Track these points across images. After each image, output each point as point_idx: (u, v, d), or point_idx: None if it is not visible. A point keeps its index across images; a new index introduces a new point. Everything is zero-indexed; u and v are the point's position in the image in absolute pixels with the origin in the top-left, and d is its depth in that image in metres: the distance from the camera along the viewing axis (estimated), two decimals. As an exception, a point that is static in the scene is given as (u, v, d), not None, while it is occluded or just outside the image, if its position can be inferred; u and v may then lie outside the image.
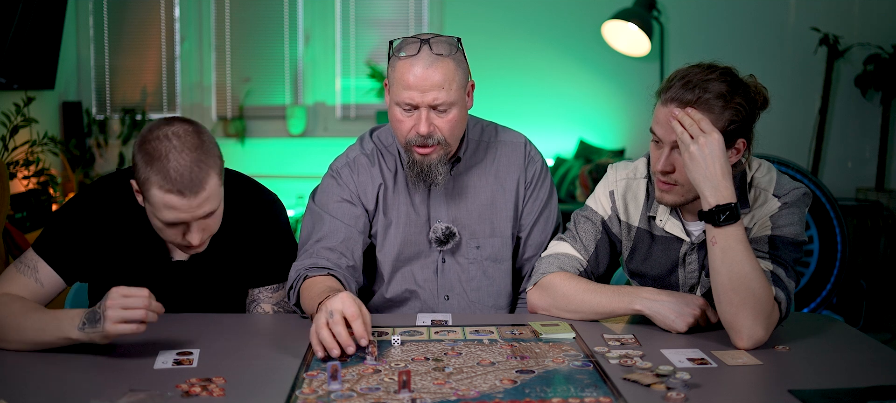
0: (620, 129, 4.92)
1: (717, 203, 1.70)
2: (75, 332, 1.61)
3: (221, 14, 4.91)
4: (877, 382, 1.52)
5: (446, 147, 1.95)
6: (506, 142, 2.12)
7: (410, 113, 1.92)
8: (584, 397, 1.43)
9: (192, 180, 1.69)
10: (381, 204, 2.05)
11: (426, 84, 1.88)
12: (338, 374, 1.46)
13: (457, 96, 1.92)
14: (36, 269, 1.82)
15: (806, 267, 3.77)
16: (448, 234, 2.05)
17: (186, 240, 1.77)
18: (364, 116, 4.93)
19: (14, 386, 1.50)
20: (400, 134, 1.96)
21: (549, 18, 4.87)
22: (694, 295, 1.86)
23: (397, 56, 1.92)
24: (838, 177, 4.86)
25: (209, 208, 1.74)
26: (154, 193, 1.70)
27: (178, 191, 1.68)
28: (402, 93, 1.90)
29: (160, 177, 1.68)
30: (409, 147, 1.95)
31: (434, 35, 1.93)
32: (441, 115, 1.92)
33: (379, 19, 4.92)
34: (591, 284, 1.92)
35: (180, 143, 1.70)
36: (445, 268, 2.08)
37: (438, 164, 1.95)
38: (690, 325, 1.78)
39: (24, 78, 4.08)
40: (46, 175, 3.97)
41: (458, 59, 1.93)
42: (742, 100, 1.76)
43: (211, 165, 1.72)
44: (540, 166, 2.13)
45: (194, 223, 1.75)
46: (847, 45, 4.71)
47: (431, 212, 2.06)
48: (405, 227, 2.05)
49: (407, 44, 1.92)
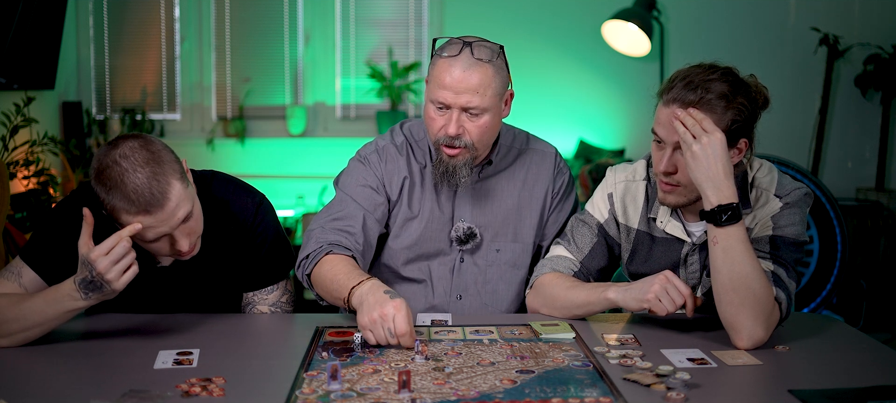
0: (620, 129, 4.92)
1: (719, 203, 1.70)
2: (80, 301, 1.63)
3: (221, 14, 4.91)
4: (877, 382, 1.52)
5: (473, 151, 1.96)
6: (536, 150, 2.15)
7: (443, 112, 1.93)
8: (584, 397, 1.43)
9: (153, 195, 1.66)
10: (405, 197, 2.05)
11: (461, 86, 1.89)
12: (338, 374, 1.46)
13: (491, 103, 1.92)
14: (20, 274, 1.83)
15: (806, 267, 3.76)
16: (469, 234, 2.06)
17: (177, 249, 1.77)
18: (364, 116, 4.93)
19: (14, 386, 1.50)
20: (431, 131, 1.97)
21: (549, 18, 4.87)
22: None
23: (439, 55, 1.94)
24: (838, 177, 4.86)
25: (182, 213, 1.71)
26: (124, 219, 1.69)
27: (144, 211, 1.67)
28: (438, 91, 1.91)
29: (124, 202, 1.66)
30: (438, 145, 1.97)
31: (478, 39, 1.94)
32: (472, 119, 1.92)
33: (379, 19, 4.91)
34: (574, 282, 1.93)
35: (131, 163, 1.67)
36: (463, 268, 2.08)
37: (463, 167, 1.97)
38: (658, 294, 1.73)
39: (24, 78, 4.08)
40: (46, 175, 3.97)
41: (497, 66, 1.94)
42: (744, 100, 1.76)
43: (168, 173, 1.69)
44: (568, 178, 2.15)
45: (175, 232, 1.73)
46: (847, 45, 4.71)
47: (456, 211, 2.07)
48: (428, 223, 2.06)
49: (450, 44, 1.94)
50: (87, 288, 1.63)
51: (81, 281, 1.64)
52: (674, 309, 1.74)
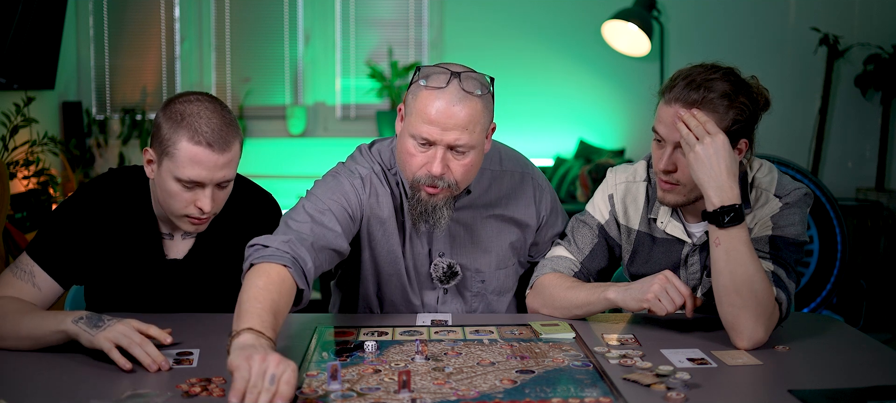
0: (620, 129, 4.92)
1: (722, 204, 1.70)
2: (69, 324, 1.61)
3: (221, 14, 4.91)
4: (877, 382, 1.52)
5: (455, 190, 1.81)
6: (510, 171, 2.00)
7: (425, 149, 1.76)
8: (584, 397, 1.43)
9: (222, 137, 1.74)
10: (383, 230, 1.92)
11: (449, 122, 1.72)
12: (338, 374, 1.46)
13: (478, 140, 1.76)
14: (32, 274, 1.82)
15: (806, 267, 3.76)
16: (450, 274, 1.96)
17: (197, 208, 1.78)
18: (364, 116, 4.93)
19: (14, 386, 1.50)
20: (409, 168, 1.79)
21: (549, 18, 4.87)
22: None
23: (421, 86, 1.75)
24: (838, 177, 4.86)
25: (228, 174, 1.78)
26: (181, 147, 1.73)
27: (207, 144, 1.73)
28: (421, 126, 1.73)
29: (191, 131, 1.73)
30: (416, 185, 1.80)
31: (465, 69, 1.77)
32: (458, 157, 1.76)
33: (379, 19, 4.92)
34: (574, 282, 1.93)
35: (210, 108, 1.77)
36: (447, 299, 2.01)
37: (444, 207, 1.81)
38: (657, 294, 1.73)
39: (24, 78, 4.08)
40: (46, 175, 3.97)
41: (486, 101, 1.77)
42: (745, 100, 1.76)
43: (236, 133, 1.79)
44: (550, 196, 2.05)
45: (209, 187, 1.77)
46: (847, 45, 4.71)
47: (434, 245, 1.95)
48: (410, 260, 1.95)
49: (435, 74, 1.75)
50: (89, 318, 1.61)
51: (93, 314, 1.62)
52: (673, 309, 1.73)
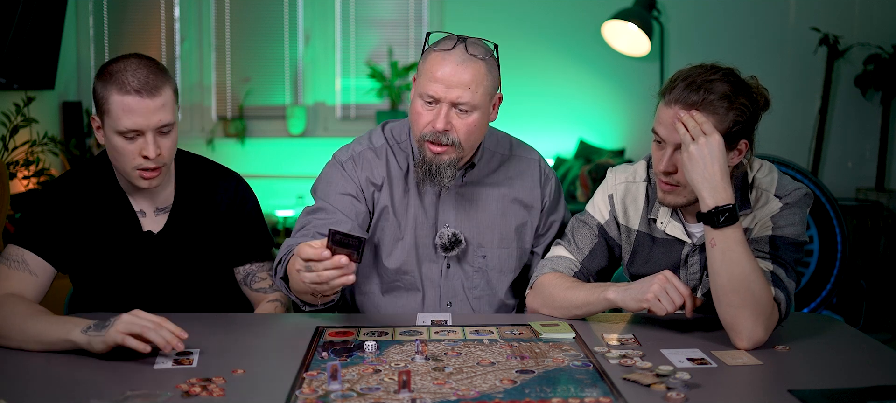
0: (620, 129, 4.92)
1: (716, 204, 1.70)
2: (78, 334, 1.61)
3: (221, 14, 4.91)
4: (877, 382, 1.52)
5: (459, 150, 1.92)
6: (520, 156, 2.10)
7: (432, 107, 1.89)
8: (584, 397, 1.43)
9: (149, 83, 1.80)
10: (388, 202, 2.00)
11: (453, 80, 1.86)
12: (338, 374, 1.46)
13: (481, 101, 1.89)
14: (25, 262, 1.84)
15: (806, 267, 3.76)
16: (454, 241, 2.02)
17: (142, 157, 1.82)
18: (364, 116, 4.93)
19: (14, 386, 1.50)
20: (417, 127, 1.92)
21: (549, 18, 4.88)
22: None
23: (432, 49, 1.91)
24: (838, 177, 4.86)
25: (165, 118, 1.82)
26: (114, 101, 1.79)
27: (136, 91, 1.79)
28: (428, 84, 1.87)
29: (118, 84, 1.79)
30: (422, 142, 1.92)
31: (473, 37, 1.92)
32: (461, 116, 1.89)
33: (379, 19, 4.92)
34: (574, 282, 1.93)
35: (135, 61, 1.83)
36: (450, 274, 2.05)
37: (448, 166, 1.92)
38: (657, 294, 1.73)
39: (24, 78, 4.08)
40: (46, 175, 3.97)
41: (490, 65, 1.91)
42: (746, 101, 1.76)
43: (166, 79, 1.84)
44: (555, 184, 2.13)
45: (150, 133, 1.81)
46: (847, 45, 4.71)
47: (440, 216, 2.03)
48: (414, 229, 2.02)
49: (444, 38, 1.91)
50: (95, 325, 1.61)
51: (98, 321, 1.62)
52: (673, 309, 1.73)
